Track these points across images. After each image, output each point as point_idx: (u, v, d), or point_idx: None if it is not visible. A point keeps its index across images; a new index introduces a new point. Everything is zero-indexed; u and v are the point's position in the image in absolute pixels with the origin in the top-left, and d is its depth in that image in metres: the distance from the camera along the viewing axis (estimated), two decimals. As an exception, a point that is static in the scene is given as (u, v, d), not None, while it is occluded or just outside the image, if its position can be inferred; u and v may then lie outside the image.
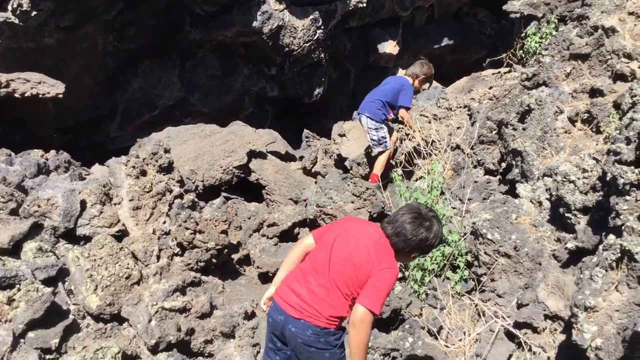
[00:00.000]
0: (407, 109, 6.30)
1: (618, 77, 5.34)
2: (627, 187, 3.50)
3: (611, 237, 3.36)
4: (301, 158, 7.38)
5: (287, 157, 7.44)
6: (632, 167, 3.52)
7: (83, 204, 4.78)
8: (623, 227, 3.41)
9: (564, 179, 4.24)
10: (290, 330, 2.69)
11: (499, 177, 5.85)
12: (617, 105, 4.88)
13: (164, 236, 4.96)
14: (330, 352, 2.75)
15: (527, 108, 5.31)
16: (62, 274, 4.25)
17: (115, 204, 5.12)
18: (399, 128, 6.67)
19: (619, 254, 3.23)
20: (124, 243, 4.78)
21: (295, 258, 2.93)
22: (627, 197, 3.49)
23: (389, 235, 2.76)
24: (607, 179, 3.71)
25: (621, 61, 5.43)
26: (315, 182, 6.72)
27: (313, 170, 6.95)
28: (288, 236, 5.68)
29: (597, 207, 4.05)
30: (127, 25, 6.96)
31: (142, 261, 4.76)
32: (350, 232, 2.77)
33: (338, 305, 2.67)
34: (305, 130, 7.57)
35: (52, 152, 5.39)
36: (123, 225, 4.91)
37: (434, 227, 2.75)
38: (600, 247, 3.46)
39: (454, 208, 5.29)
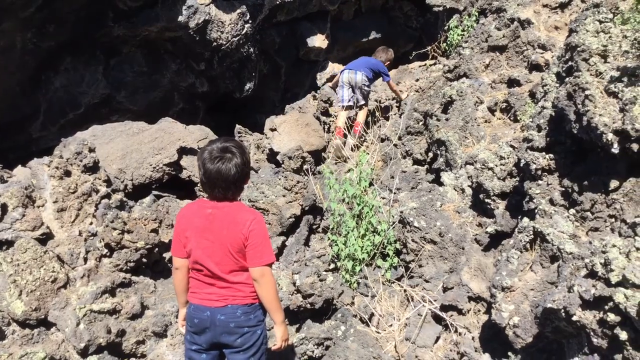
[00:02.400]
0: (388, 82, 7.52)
1: (534, 67, 5.61)
2: (539, 172, 3.70)
3: (525, 220, 3.54)
4: (234, 153, 7.33)
5: (219, 153, 7.38)
6: (543, 153, 3.72)
7: (4, 207, 4.60)
8: (536, 210, 3.60)
9: (483, 166, 4.42)
10: (220, 320, 2.72)
11: (426, 166, 6.03)
12: (532, 95, 5.13)
13: (91, 237, 4.84)
14: (261, 328, 2.85)
15: (449, 99, 5.50)
16: (-17, 281, 4.10)
17: (38, 207, 4.95)
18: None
19: (532, 236, 3.41)
20: (49, 246, 4.64)
21: (184, 281, 2.91)
22: (539, 182, 3.69)
23: (217, 196, 2.73)
24: (522, 165, 3.90)
25: (536, 52, 5.70)
26: (248, 177, 6.70)
27: (246, 165, 6.94)
28: (221, 232, 5.65)
29: (514, 192, 4.26)
30: (46, 21, 6.70)
31: (69, 264, 4.63)
32: (200, 226, 2.75)
33: (250, 281, 2.74)
34: (237, 126, 7.53)
35: (-31, 155, 5.16)
36: (47, 228, 4.76)
37: (233, 151, 2.67)
38: (516, 229, 3.64)
39: (383, 198, 5.42)
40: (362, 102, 7.19)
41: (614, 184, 3.21)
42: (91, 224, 4.97)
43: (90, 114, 7.50)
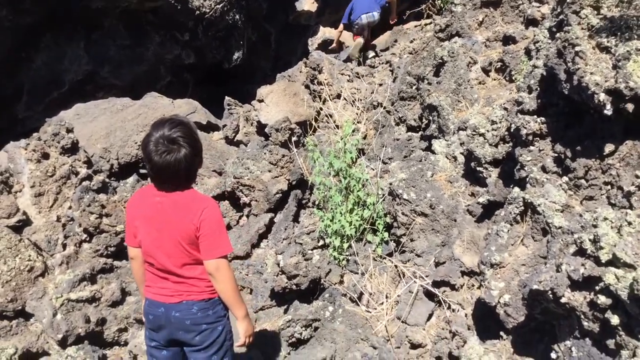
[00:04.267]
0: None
1: (530, 22, 5.25)
2: (530, 138, 3.43)
3: (516, 190, 3.29)
4: (224, 127, 7.11)
5: (209, 127, 7.16)
6: (535, 117, 3.45)
7: (-24, 195, 4.44)
8: (527, 179, 3.35)
9: (474, 132, 4.15)
10: (175, 317, 2.52)
11: (420, 133, 5.74)
12: (527, 52, 4.80)
13: (70, 222, 4.67)
14: (222, 324, 2.62)
15: (440, 61, 5.19)
16: (-46, 273, 3.96)
17: (15, 192, 4.80)
18: None
19: (523, 207, 3.17)
20: (25, 233, 4.48)
21: (140, 271, 2.71)
22: (531, 148, 3.43)
23: (167, 189, 2.50)
24: (512, 129, 3.63)
25: (532, 5, 5.32)
26: (239, 151, 6.48)
27: (235, 139, 6.71)
28: (208, 211, 5.45)
29: (508, 159, 3.99)
30: (20, -4, 6.44)
31: (47, 251, 4.48)
32: (148, 215, 2.53)
33: (205, 274, 2.52)
34: (227, 98, 7.27)
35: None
36: (24, 214, 4.59)
37: (181, 142, 2.41)
38: (506, 200, 3.40)
39: (373, 169, 5.17)
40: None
41: (609, 148, 2.94)
42: (70, 208, 4.79)
43: (75, 92, 7.27)
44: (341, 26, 8.54)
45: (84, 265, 4.42)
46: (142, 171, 6.26)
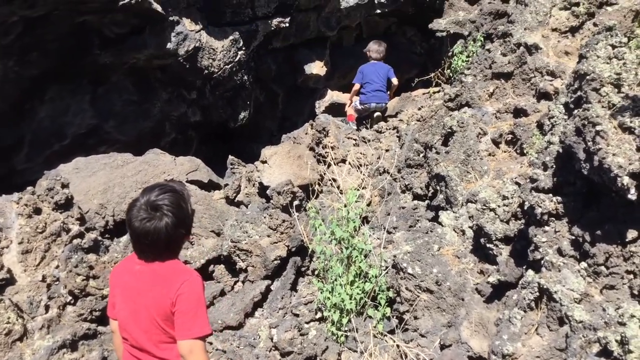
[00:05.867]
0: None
1: (542, 95, 5.15)
2: (546, 218, 3.22)
3: (530, 273, 3.07)
4: (225, 186, 6.95)
5: (211, 186, 6.99)
6: (550, 195, 3.25)
7: (-41, 250, 4.23)
8: (542, 262, 3.13)
9: (484, 207, 3.95)
10: None
11: (427, 202, 5.56)
12: (540, 126, 4.67)
13: (56, 283, 4.43)
14: None
15: (449, 130, 5.06)
16: None
17: (2, 248, 4.58)
18: None
19: (538, 293, 2.94)
20: (7, 293, 4.24)
21: (120, 346, 2.50)
22: (546, 228, 3.22)
23: (146, 257, 2.30)
24: (526, 207, 3.43)
25: (545, 79, 5.25)
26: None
27: (236, 199, 6.52)
28: (203, 275, 5.20)
29: (520, 237, 3.77)
30: (28, 49, 6.41)
31: (28, 313, 4.22)
32: (127, 285, 2.34)
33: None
34: (230, 157, 7.14)
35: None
36: (8, 272, 4.37)
37: (164, 210, 2.23)
38: (520, 284, 3.17)
39: (378, 239, 4.95)
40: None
41: (631, 234, 2.74)
42: (57, 267, 4.57)
43: (77, 145, 7.17)
44: (357, 85, 8.09)
45: (65, 330, 4.16)
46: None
